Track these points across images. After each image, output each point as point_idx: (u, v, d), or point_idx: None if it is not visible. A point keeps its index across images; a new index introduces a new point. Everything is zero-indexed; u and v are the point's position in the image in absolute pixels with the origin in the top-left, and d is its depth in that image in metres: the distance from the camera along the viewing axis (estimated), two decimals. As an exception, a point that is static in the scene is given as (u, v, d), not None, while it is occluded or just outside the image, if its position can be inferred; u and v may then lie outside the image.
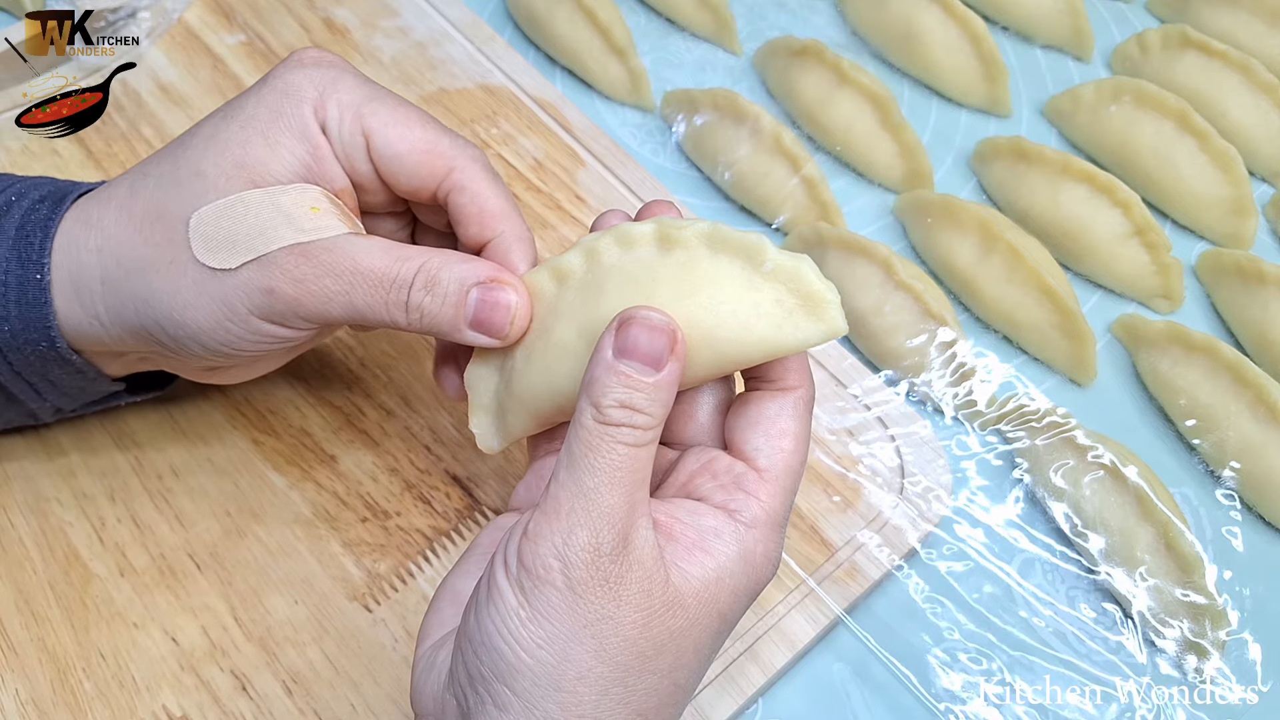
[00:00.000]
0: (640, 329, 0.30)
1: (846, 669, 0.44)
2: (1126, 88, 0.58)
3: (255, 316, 0.34)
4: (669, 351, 0.30)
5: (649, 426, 0.30)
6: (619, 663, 0.29)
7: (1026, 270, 0.51)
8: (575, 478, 0.29)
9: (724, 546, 0.31)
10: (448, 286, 0.34)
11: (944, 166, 0.60)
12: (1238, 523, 0.48)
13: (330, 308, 0.34)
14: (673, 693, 0.31)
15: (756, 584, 0.32)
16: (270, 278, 0.34)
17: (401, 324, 0.34)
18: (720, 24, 0.64)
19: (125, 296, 0.35)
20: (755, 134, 0.56)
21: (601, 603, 0.29)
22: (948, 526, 0.47)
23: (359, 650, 0.41)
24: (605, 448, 0.29)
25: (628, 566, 0.29)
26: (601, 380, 0.30)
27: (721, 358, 0.31)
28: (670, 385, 0.30)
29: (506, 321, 0.34)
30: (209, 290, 0.34)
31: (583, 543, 0.29)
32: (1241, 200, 0.56)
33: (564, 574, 0.29)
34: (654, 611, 0.29)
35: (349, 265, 0.34)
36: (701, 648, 0.31)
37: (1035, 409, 0.49)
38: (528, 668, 0.29)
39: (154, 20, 0.58)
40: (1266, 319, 0.52)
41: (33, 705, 0.39)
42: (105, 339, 0.37)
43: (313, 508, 0.44)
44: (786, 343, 0.31)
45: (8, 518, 0.43)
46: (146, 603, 0.42)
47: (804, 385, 0.33)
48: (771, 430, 0.32)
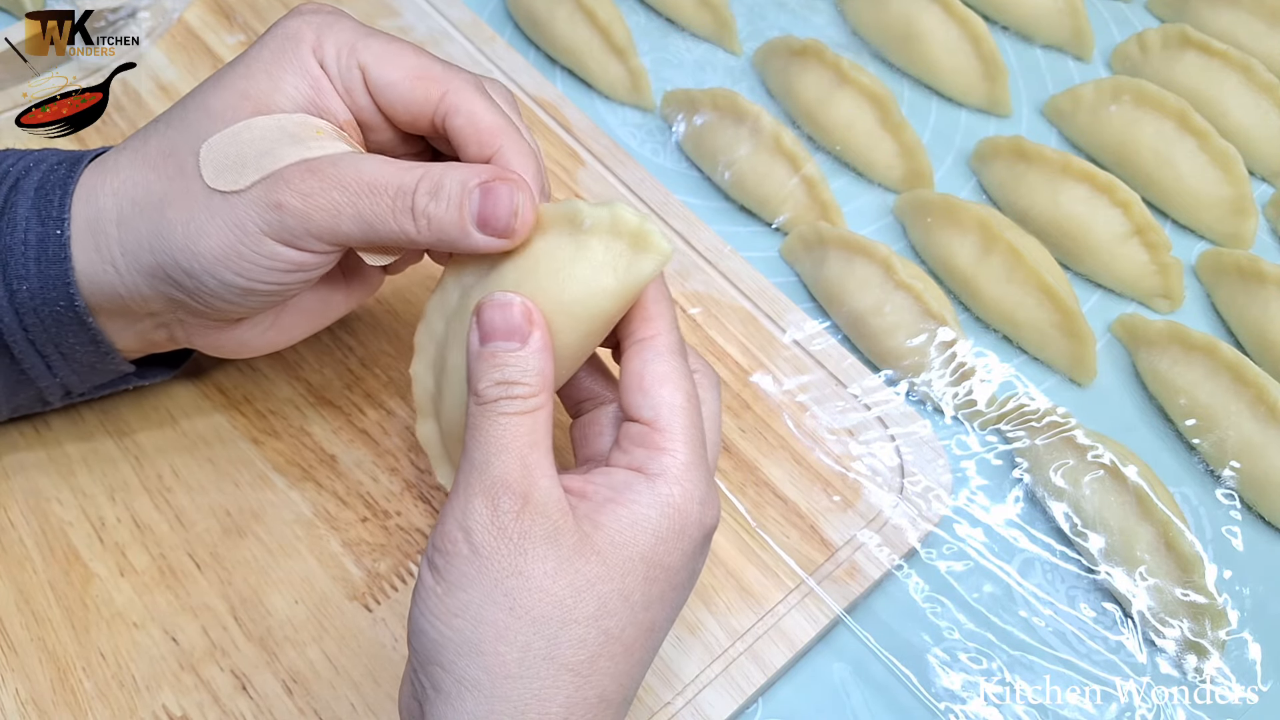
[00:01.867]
0: (492, 310, 0.32)
1: (846, 669, 0.44)
2: (1126, 87, 0.58)
3: (267, 236, 0.34)
4: (526, 321, 0.32)
5: (528, 395, 0.32)
6: (535, 615, 0.30)
7: (1026, 270, 0.52)
8: (468, 457, 0.32)
9: (635, 496, 0.32)
10: (451, 189, 0.34)
11: (944, 166, 0.60)
12: (1238, 522, 0.48)
13: (340, 221, 0.34)
14: (603, 642, 0.31)
15: (684, 527, 0.32)
16: (278, 193, 0.34)
17: (411, 233, 0.34)
18: (720, 24, 0.64)
19: (141, 235, 0.36)
20: (755, 134, 0.56)
21: (508, 558, 0.30)
22: (948, 526, 0.47)
23: (359, 650, 0.41)
24: (487, 423, 0.31)
25: (530, 521, 0.30)
26: (474, 369, 0.32)
27: (581, 320, 0.33)
28: (539, 351, 0.32)
29: (510, 214, 0.33)
30: (221, 213, 0.34)
31: (479, 509, 0.30)
32: (1241, 200, 0.56)
33: (467, 542, 0.30)
34: (563, 559, 0.30)
35: (354, 176, 0.34)
36: (630, 594, 0.31)
37: (1035, 408, 0.49)
38: (448, 640, 0.30)
39: (154, 20, 0.58)
40: (1266, 319, 0.52)
41: (33, 705, 0.39)
42: (122, 290, 0.37)
43: (313, 507, 0.44)
44: (630, 282, 0.33)
45: (8, 517, 0.43)
46: (146, 602, 0.42)
47: (660, 331, 0.34)
48: (646, 385, 0.33)
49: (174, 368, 0.45)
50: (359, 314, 0.50)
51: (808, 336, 0.51)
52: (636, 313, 0.34)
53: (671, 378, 0.33)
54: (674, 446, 0.32)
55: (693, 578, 0.34)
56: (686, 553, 0.32)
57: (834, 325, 0.53)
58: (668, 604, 0.33)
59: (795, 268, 0.56)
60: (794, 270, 0.56)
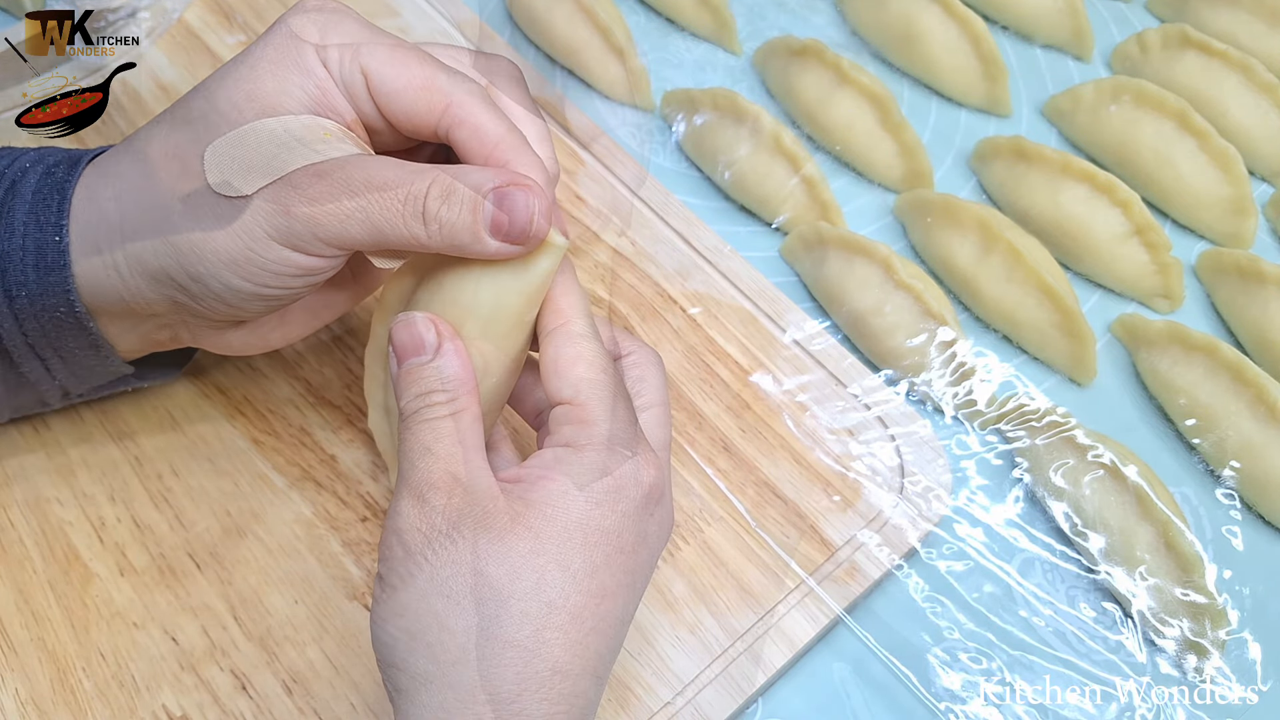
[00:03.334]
0: (399, 330, 0.34)
1: (846, 668, 0.44)
2: (1126, 87, 0.58)
3: (275, 241, 0.34)
4: (431, 332, 0.34)
5: (445, 400, 0.33)
6: (474, 598, 0.30)
7: (1026, 270, 0.51)
8: (399, 469, 0.33)
9: (564, 468, 0.32)
10: (464, 194, 0.34)
11: (944, 166, 0.60)
12: (1238, 522, 0.48)
13: (348, 226, 0.34)
14: (545, 613, 0.31)
15: (618, 488, 0.33)
16: (286, 198, 0.34)
17: (422, 238, 0.34)
18: (720, 24, 0.64)
19: (145, 240, 0.35)
20: (755, 134, 0.56)
21: (440, 551, 0.31)
22: (948, 526, 0.47)
23: (359, 650, 0.41)
24: (409, 433, 0.33)
25: (458, 511, 0.31)
26: (397, 390, 0.34)
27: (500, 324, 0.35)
28: (452, 358, 0.33)
29: (527, 221, 0.33)
30: (227, 218, 0.34)
31: (407, 510, 0.32)
32: (1241, 200, 0.56)
33: (400, 545, 0.31)
34: (494, 539, 0.31)
35: (363, 179, 0.33)
36: (568, 562, 0.31)
37: (1035, 408, 0.49)
38: (396, 640, 0.31)
39: (154, 20, 0.58)
40: (1266, 319, 0.52)
41: (32, 705, 0.39)
42: (125, 294, 0.36)
43: (313, 507, 0.44)
44: (534, 279, 0.35)
45: (7, 517, 0.43)
46: (146, 602, 0.42)
47: (568, 319, 0.35)
48: (561, 368, 0.34)
49: (176, 369, 0.44)
50: (359, 314, 0.50)
51: (808, 336, 0.51)
52: (546, 307, 0.35)
53: (584, 356, 0.34)
54: (596, 415, 0.33)
55: (642, 542, 0.34)
56: (627, 514, 0.33)
57: (834, 325, 0.53)
58: (616, 568, 0.32)
59: (795, 268, 0.56)
60: (794, 270, 0.56)
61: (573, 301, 0.35)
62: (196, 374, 0.47)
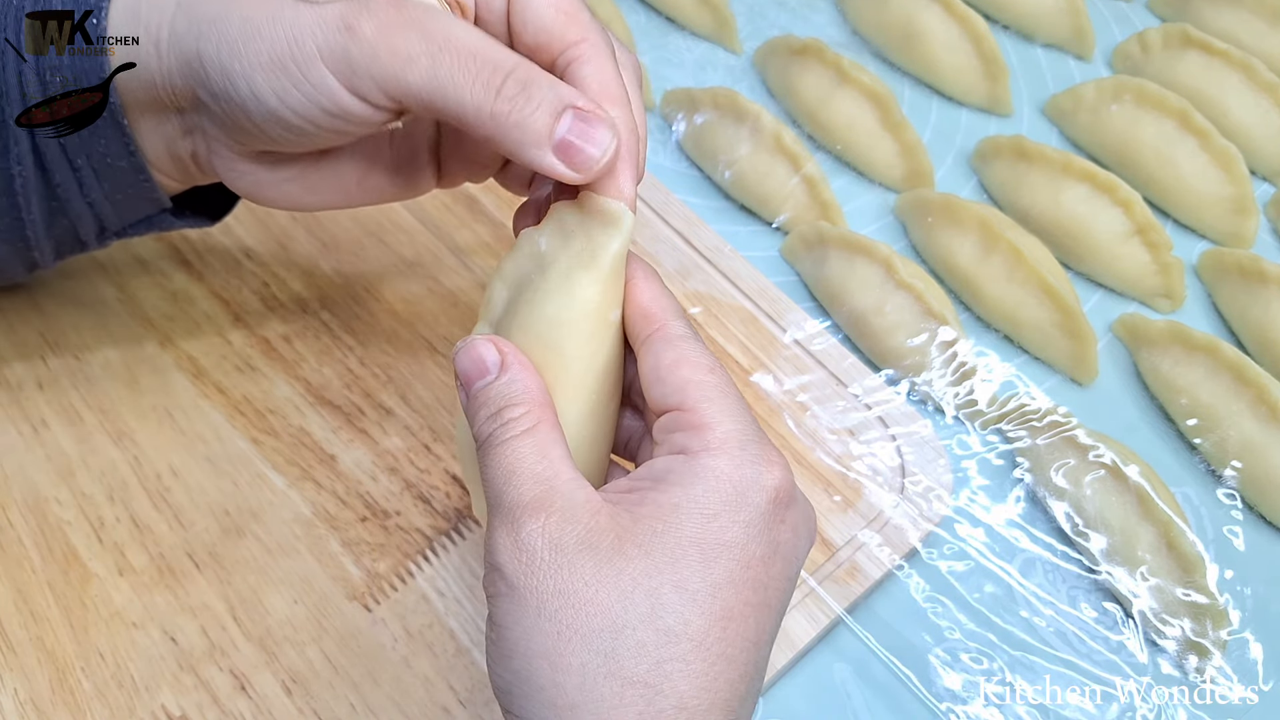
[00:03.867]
0: (461, 359, 0.32)
1: (847, 669, 0.44)
2: (1127, 87, 0.58)
3: (322, 62, 0.31)
4: (491, 351, 0.31)
5: (521, 415, 0.30)
6: (584, 631, 0.27)
7: (1027, 269, 0.51)
8: (488, 500, 0.30)
9: (674, 477, 0.29)
10: (545, 93, 0.31)
11: (945, 166, 0.60)
12: (1239, 522, 0.48)
13: (410, 72, 0.30)
14: (665, 643, 0.28)
15: (740, 494, 0.29)
16: (354, 14, 0.30)
17: (486, 112, 0.31)
18: (720, 23, 0.64)
19: (196, 15, 0.33)
20: (755, 133, 0.56)
21: (543, 580, 0.28)
22: (948, 526, 0.46)
23: (359, 650, 0.41)
24: (492, 458, 0.30)
25: (558, 532, 0.28)
26: (469, 416, 0.31)
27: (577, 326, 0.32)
28: (518, 372, 0.31)
29: (599, 156, 0.31)
30: (284, 18, 0.31)
31: (503, 542, 0.29)
32: (1243, 199, 0.56)
33: (502, 580, 0.28)
34: (601, 562, 0.28)
35: (443, 32, 0.30)
36: (685, 582, 0.28)
37: (1036, 408, 0.49)
38: (511, 685, 0.28)
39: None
40: (1268, 318, 0.52)
41: (31, 705, 0.39)
42: (156, 76, 0.34)
43: (312, 507, 0.44)
44: (602, 264, 0.32)
45: (6, 517, 0.43)
46: (145, 602, 0.42)
47: (661, 323, 0.32)
48: (662, 374, 0.31)
49: (211, 220, 0.42)
50: (359, 313, 0.50)
51: (808, 336, 0.51)
52: (637, 316, 0.33)
53: (687, 358, 0.31)
54: (708, 418, 0.30)
55: (775, 553, 0.30)
56: (751, 523, 0.29)
57: (835, 325, 0.53)
58: (743, 585, 0.29)
59: (796, 267, 0.56)
60: (794, 270, 0.56)
61: (663, 304, 0.33)
62: (196, 374, 0.47)
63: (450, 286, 0.51)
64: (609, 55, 0.33)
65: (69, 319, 0.48)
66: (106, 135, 0.36)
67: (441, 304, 0.50)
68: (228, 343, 0.48)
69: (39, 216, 0.38)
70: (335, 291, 0.50)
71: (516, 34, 0.33)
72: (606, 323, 0.33)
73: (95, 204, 0.38)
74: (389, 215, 0.53)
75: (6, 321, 0.48)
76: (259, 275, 0.51)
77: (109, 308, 0.49)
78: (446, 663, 0.41)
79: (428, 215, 0.53)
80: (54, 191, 0.37)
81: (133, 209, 0.39)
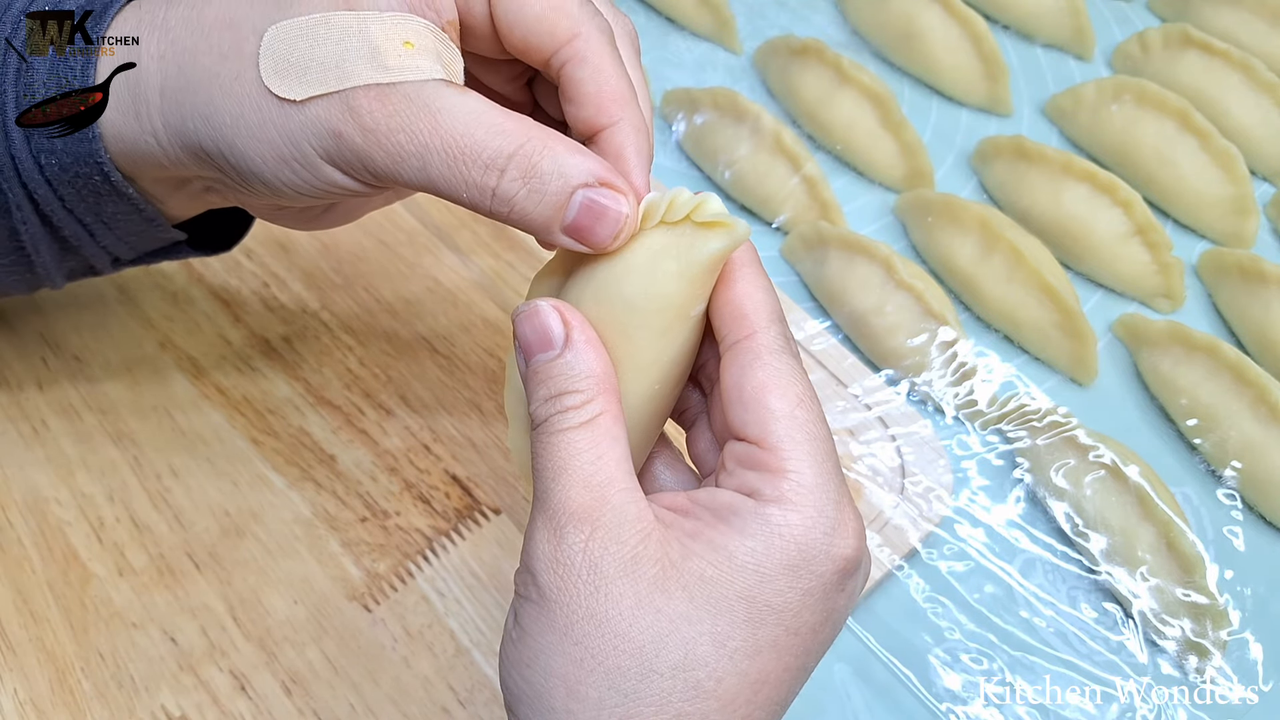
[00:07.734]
0: (523, 324, 0.28)
1: (847, 669, 0.44)
2: (1128, 87, 0.58)
3: (322, 160, 0.30)
4: (557, 321, 0.28)
5: (581, 403, 0.28)
6: (609, 666, 0.26)
7: (1027, 270, 0.51)
8: (534, 489, 0.28)
9: (740, 522, 0.27)
10: (549, 181, 0.28)
11: (945, 166, 0.60)
12: (1239, 522, 0.48)
13: (402, 170, 0.29)
14: (691, 698, 0.26)
15: (805, 561, 0.27)
16: (340, 120, 0.29)
17: (482, 210, 0.29)
18: (720, 23, 0.64)
19: (186, 111, 0.31)
20: (755, 133, 0.56)
21: (578, 598, 0.26)
22: (949, 526, 0.46)
23: (358, 650, 0.41)
24: (544, 447, 0.28)
25: (602, 549, 0.26)
26: (527, 389, 0.29)
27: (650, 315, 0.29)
28: (584, 349, 0.28)
29: (611, 235, 0.29)
30: (274, 121, 0.30)
31: (542, 546, 0.27)
32: (1243, 199, 0.56)
33: (534, 584, 0.27)
34: (642, 595, 0.26)
35: (429, 126, 0.28)
36: (726, 639, 0.26)
37: (1036, 408, 0.49)
38: (523, 692, 0.27)
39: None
40: (1268, 318, 0.52)
41: (31, 705, 0.39)
42: (163, 160, 0.33)
43: (312, 507, 0.44)
44: (695, 262, 0.29)
45: (6, 517, 0.43)
46: (145, 603, 0.42)
47: (755, 329, 0.29)
48: (746, 396, 0.28)
49: (228, 246, 0.41)
50: (358, 313, 0.50)
51: (808, 336, 0.51)
52: (728, 312, 0.29)
53: (777, 382, 0.28)
54: (792, 466, 0.27)
55: (827, 620, 0.28)
56: (810, 591, 0.27)
57: (835, 325, 0.53)
58: (784, 651, 0.27)
59: (796, 267, 0.56)
60: (794, 270, 0.56)
61: (760, 303, 0.29)
62: (196, 374, 0.47)
63: (450, 286, 0.51)
64: (607, 48, 0.31)
65: (69, 319, 0.48)
66: (115, 203, 0.35)
67: (441, 304, 0.50)
68: (228, 343, 0.48)
69: (49, 260, 0.37)
70: (335, 291, 0.50)
71: (504, 37, 0.31)
72: (686, 318, 0.30)
73: (109, 247, 0.37)
74: (389, 215, 0.53)
75: (6, 321, 0.48)
76: (259, 275, 0.51)
77: (109, 308, 0.49)
78: (446, 663, 0.41)
79: (428, 215, 0.53)
80: (65, 242, 0.36)
81: (148, 244, 0.38)
